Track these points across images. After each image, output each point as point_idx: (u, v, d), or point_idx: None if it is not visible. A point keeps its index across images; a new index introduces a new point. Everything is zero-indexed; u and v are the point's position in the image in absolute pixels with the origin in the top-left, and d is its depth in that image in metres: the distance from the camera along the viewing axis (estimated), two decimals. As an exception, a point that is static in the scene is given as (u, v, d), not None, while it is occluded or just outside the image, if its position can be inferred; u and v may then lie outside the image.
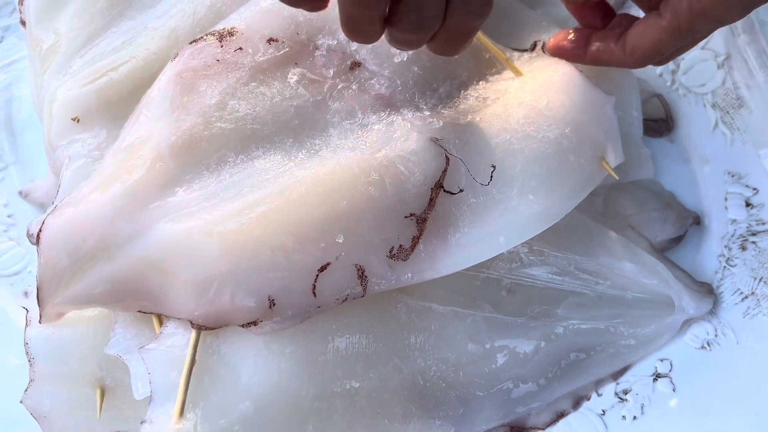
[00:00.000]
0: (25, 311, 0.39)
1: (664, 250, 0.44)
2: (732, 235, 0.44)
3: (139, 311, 0.36)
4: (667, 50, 0.37)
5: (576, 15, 0.42)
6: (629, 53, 0.38)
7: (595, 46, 0.39)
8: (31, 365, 0.38)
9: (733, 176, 0.46)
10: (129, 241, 0.34)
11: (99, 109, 0.41)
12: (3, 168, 0.49)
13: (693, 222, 0.45)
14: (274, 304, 0.34)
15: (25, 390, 0.38)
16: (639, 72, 0.49)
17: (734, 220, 0.45)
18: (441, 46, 0.34)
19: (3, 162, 0.49)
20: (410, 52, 0.39)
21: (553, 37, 0.42)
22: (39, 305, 0.36)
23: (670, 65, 0.49)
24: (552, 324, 0.40)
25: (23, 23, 0.47)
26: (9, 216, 0.47)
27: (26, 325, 0.38)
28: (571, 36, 0.41)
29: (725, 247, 0.44)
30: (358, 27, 0.31)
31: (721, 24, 0.36)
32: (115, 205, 0.35)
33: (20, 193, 0.48)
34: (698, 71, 0.48)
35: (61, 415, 0.38)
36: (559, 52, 0.41)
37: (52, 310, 0.36)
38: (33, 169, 0.49)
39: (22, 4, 0.47)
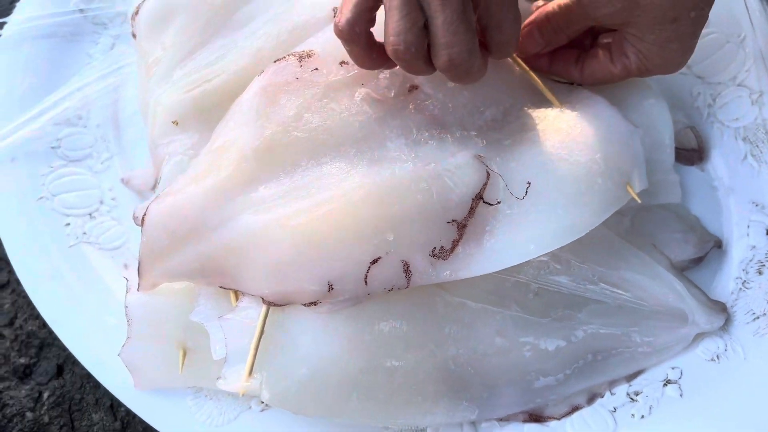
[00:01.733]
0: (126, 281, 0.44)
1: (684, 269, 0.46)
2: (750, 260, 0.46)
3: (220, 287, 0.40)
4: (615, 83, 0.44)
5: None
6: (584, 77, 0.45)
7: (556, 62, 0.46)
8: (129, 325, 0.42)
9: (757, 206, 0.48)
10: (216, 228, 0.39)
11: (194, 115, 0.47)
12: (109, 158, 0.53)
13: (714, 245, 0.47)
14: (332, 289, 0.38)
15: (122, 346, 0.43)
16: (677, 103, 0.52)
17: (754, 247, 0.47)
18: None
19: (109, 152, 0.54)
20: None
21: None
22: (139, 276, 0.41)
23: (707, 100, 0.52)
24: (573, 326, 0.43)
25: (134, 36, 0.52)
26: (113, 199, 0.52)
27: (126, 291, 0.43)
28: None
29: (743, 270, 0.46)
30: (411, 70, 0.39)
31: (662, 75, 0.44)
32: (206, 197, 0.39)
33: (122, 180, 0.52)
34: (733, 106, 0.51)
35: (150, 369, 0.43)
36: (524, 58, 0.45)
37: (149, 280, 0.41)
38: (133, 159, 0.54)
39: (134, 19, 0.52)
